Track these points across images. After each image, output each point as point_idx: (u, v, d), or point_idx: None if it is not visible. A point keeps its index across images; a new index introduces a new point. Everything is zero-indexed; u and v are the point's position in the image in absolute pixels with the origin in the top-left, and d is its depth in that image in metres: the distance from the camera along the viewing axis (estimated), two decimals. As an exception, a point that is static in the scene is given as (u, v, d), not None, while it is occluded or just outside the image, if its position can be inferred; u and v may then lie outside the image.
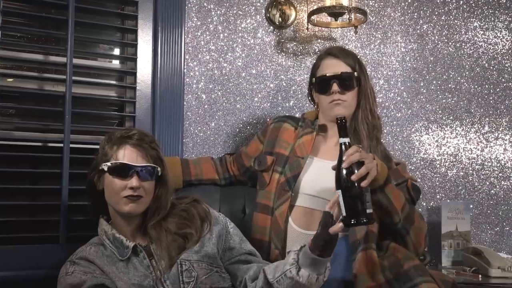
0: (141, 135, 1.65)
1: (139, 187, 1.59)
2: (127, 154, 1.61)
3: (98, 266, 1.60)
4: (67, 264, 1.63)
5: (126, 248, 1.61)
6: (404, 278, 1.71)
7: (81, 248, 1.68)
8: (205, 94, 2.37)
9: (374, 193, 1.65)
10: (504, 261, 2.25)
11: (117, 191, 1.60)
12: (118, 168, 1.60)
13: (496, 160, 2.82)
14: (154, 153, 1.65)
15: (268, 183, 1.93)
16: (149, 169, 1.62)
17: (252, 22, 2.46)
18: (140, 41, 2.26)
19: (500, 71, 2.86)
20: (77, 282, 1.54)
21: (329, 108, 1.90)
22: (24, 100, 2.15)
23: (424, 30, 2.75)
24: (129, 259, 1.61)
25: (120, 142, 1.64)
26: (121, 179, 1.59)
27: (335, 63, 1.93)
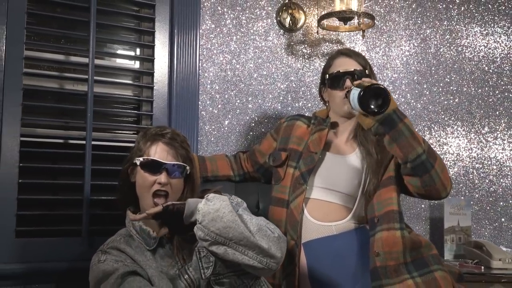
0: (174, 135, 1.72)
1: (167, 183, 1.66)
2: (159, 151, 1.68)
3: (128, 255, 1.64)
4: (98, 253, 1.67)
5: (153, 239, 1.66)
6: (422, 263, 1.81)
7: (111, 239, 1.73)
8: (218, 94, 2.45)
9: (394, 123, 1.71)
10: (505, 253, 2.33)
11: (147, 185, 1.67)
12: (149, 164, 1.67)
13: (495, 159, 2.86)
14: (184, 152, 1.71)
15: (283, 177, 2.00)
16: (178, 167, 1.68)
17: (263, 25, 2.53)
18: (157, 42, 2.33)
19: (499, 74, 2.91)
20: (110, 269, 1.59)
21: (341, 104, 1.97)
22: (47, 98, 2.20)
23: (427, 35, 2.81)
24: (156, 250, 1.66)
25: (154, 139, 1.70)
26: (151, 174, 1.66)
27: (348, 61, 2.01)
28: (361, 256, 1.84)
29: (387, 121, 1.70)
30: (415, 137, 1.73)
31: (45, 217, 2.13)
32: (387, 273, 1.77)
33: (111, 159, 2.21)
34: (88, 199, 2.13)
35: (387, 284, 1.76)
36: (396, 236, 1.79)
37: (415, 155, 1.72)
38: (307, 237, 1.91)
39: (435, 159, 1.76)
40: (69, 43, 2.25)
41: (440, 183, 1.76)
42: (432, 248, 1.86)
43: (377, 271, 1.78)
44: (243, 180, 2.21)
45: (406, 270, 1.78)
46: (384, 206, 1.83)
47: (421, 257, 1.82)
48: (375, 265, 1.78)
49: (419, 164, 1.73)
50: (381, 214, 1.83)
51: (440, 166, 1.77)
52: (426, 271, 1.79)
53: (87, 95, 2.15)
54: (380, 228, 1.81)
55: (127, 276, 1.57)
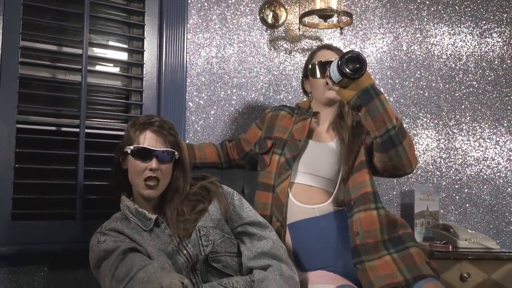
0: (161, 123, 1.78)
1: (157, 169, 1.72)
2: (148, 139, 1.74)
3: (127, 236, 1.71)
4: (97, 235, 1.73)
5: (149, 220, 1.73)
6: (399, 240, 1.92)
7: (107, 222, 1.79)
8: (205, 86, 2.53)
9: (370, 97, 1.77)
10: (470, 234, 2.50)
11: (138, 171, 1.73)
12: (140, 152, 1.73)
13: (461, 149, 3.00)
14: (173, 139, 1.78)
15: (268, 164, 2.09)
16: (167, 153, 1.75)
17: (247, 21, 2.63)
18: (147, 35, 2.41)
19: (465, 71, 3.04)
20: (111, 248, 1.65)
21: (323, 91, 2.07)
22: (40, 87, 2.25)
23: (399, 33, 2.94)
24: (152, 230, 1.73)
25: (142, 127, 1.76)
26: (142, 162, 1.72)
27: (329, 53, 2.12)
28: (341, 236, 1.93)
29: (364, 94, 1.77)
30: (388, 113, 1.79)
31: (40, 201, 2.18)
32: (367, 250, 1.87)
33: (103, 146, 2.29)
34: (82, 184, 2.19)
35: (366, 260, 1.85)
36: (372, 215, 1.89)
37: (385, 130, 1.79)
38: (292, 219, 2.00)
39: (404, 136, 1.82)
40: (64, 35, 2.31)
41: (407, 159, 1.83)
42: (407, 227, 1.98)
43: (357, 248, 1.87)
44: (229, 167, 2.30)
45: (384, 247, 1.89)
46: (359, 189, 1.93)
47: (397, 235, 1.93)
48: (355, 243, 1.88)
49: (388, 138, 1.80)
50: (357, 197, 1.93)
51: (408, 143, 1.83)
52: (402, 247, 1.90)
53: (81, 84, 2.22)
54: (357, 210, 1.91)
55: (128, 252, 1.64)
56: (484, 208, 3.01)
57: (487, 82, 3.08)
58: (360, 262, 1.85)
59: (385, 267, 1.85)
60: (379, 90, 1.81)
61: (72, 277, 2.19)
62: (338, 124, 2.11)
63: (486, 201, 3.02)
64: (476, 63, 3.08)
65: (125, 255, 1.63)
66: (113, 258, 1.63)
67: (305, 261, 1.96)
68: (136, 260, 1.61)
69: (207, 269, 1.75)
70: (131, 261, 1.61)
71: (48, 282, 2.15)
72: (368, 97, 1.78)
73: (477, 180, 3.02)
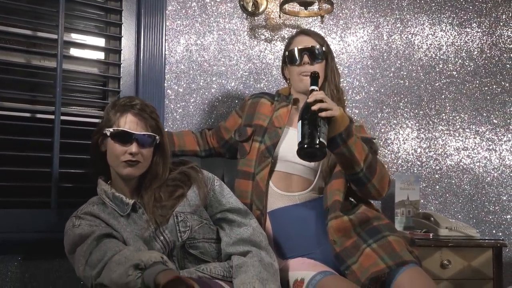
0: (143, 106, 1.74)
1: (137, 153, 1.68)
2: (128, 121, 1.70)
3: (103, 220, 1.69)
4: (72, 219, 1.71)
5: (126, 205, 1.71)
6: (375, 231, 1.92)
7: (83, 206, 1.76)
8: (184, 74, 2.50)
9: (336, 145, 1.78)
10: (451, 222, 2.51)
11: (118, 155, 1.69)
12: (120, 135, 1.69)
13: (441, 139, 3.01)
14: (154, 123, 1.74)
15: (248, 151, 2.07)
16: (148, 137, 1.71)
17: (227, 8, 2.60)
18: (124, 21, 2.38)
19: (445, 61, 3.04)
20: (86, 232, 1.62)
21: (300, 79, 2.07)
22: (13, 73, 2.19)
23: (380, 23, 2.93)
24: (129, 215, 1.71)
25: (123, 110, 1.72)
26: (121, 145, 1.69)
27: (306, 39, 2.11)
28: (322, 223, 1.93)
29: (331, 142, 1.77)
30: (355, 158, 1.83)
31: (14, 189, 2.14)
32: (348, 253, 1.86)
33: (79, 134, 2.24)
34: (57, 172, 2.16)
35: (352, 263, 1.84)
36: (344, 221, 1.89)
37: (353, 172, 1.87)
38: (272, 207, 2.00)
39: (373, 174, 1.90)
40: (39, 19, 2.25)
41: (376, 192, 1.94)
42: (382, 219, 1.98)
43: (339, 255, 1.86)
44: (209, 156, 2.28)
45: (362, 240, 1.89)
46: (332, 196, 1.93)
47: (372, 226, 1.93)
48: (336, 252, 1.87)
49: (356, 179, 1.90)
50: (330, 204, 1.93)
51: (378, 178, 1.91)
52: (379, 237, 1.90)
53: (56, 70, 2.17)
54: (330, 217, 1.90)
55: (102, 238, 1.61)
56: (464, 198, 3.03)
57: (466, 72, 3.10)
58: (347, 267, 1.84)
59: (367, 258, 1.85)
60: (348, 134, 1.80)
61: (47, 267, 2.15)
62: None
63: (466, 190, 3.04)
64: (456, 53, 3.09)
65: (100, 240, 1.61)
66: (88, 243, 1.60)
67: (286, 248, 1.95)
68: (110, 245, 1.59)
69: (184, 256, 1.73)
70: (106, 246, 1.59)
71: (22, 272, 2.11)
72: (334, 145, 1.80)
73: (457, 169, 3.04)
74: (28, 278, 2.11)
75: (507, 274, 2.77)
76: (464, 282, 2.37)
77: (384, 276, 1.81)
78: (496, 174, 3.10)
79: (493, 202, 3.07)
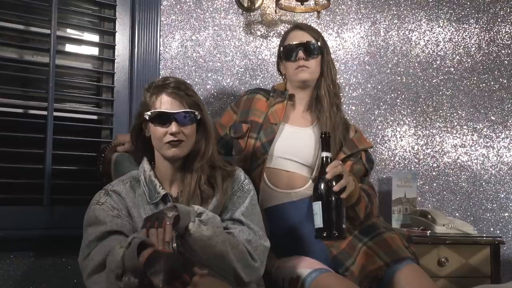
0: (177, 83, 1.69)
1: (178, 132, 1.65)
2: (164, 102, 1.66)
3: (126, 205, 1.67)
4: (101, 193, 1.69)
5: (157, 194, 1.68)
6: (370, 228, 1.93)
7: (118, 180, 1.75)
8: (179, 70, 2.48)
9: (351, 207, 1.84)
10: (448, 219, 2.50)
11: (160, 137, 1.66)
12: (157, 117, 1.66)
13: (438, 136, 3.00)
14: (190, 99, 1.69)
15: (244, 148, 2.06)
16: (186, 114, 1.67)
17: (222, 3, 2.58)
18: (118, 16, 2.35)
19: (442, 57, 3.03)
20: (101, 220, 1.61)
21: (295, 74, 2.06)
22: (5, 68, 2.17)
23: (377, 19, 2.91)
24: (157, 204, 1.67)
25: (158, 91, 1.69)
26: (161, 126, 1.65)
27: (301, 34, 2.10)
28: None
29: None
30: (357, 216, 1.90)
31: (6, 185, 2.11)
32: (345, 255, 1.87)
33: (73, 130, 2.24)
34: (50, 169, 2.14)
35: (350, 264, 1.85)
36: None
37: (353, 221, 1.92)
38: (268, 204, 1.99)
39: (369, 218, 1.97)
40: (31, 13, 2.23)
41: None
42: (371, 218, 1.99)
43: (337, 258, 1.87)
44: (204, 152, 2.27)
45: (358, 240, 1.90)
46: None
47: (367, 225, 1.95)
48: (333, 255, 1.88)
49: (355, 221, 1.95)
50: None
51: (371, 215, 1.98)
52: (375, 234, 1.91)
53: (50, 65, 2.16)
54: None
55: (109, 235, 1.60)
56: (461, 195, 3.02)
57: (464, 68, 3.09)
58: (346, 269, 1.85)
59: (365, 257, 1.86)
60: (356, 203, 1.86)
61: (40, 264, 2.14)
62: (315, 108, 2.09)
63: (464, 188, 3.03)
64: (454, 49, 3.08)
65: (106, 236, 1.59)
66: (97, 232, 1.60)
67: (282, 246, 1.93)
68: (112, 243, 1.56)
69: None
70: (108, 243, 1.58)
71: (14, 269, 2.09)
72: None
73: (455, 167, 3.03)
74: (20, 275, 2.09)
75: (505, 272, 2.76)
76: (462, 279, 2.36)
77: (381, 273, 1.81)
78: (494, 172, 3.09)
79: (490, 200, 3.06)
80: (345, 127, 2.10)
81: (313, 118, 2.11)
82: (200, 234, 1.55)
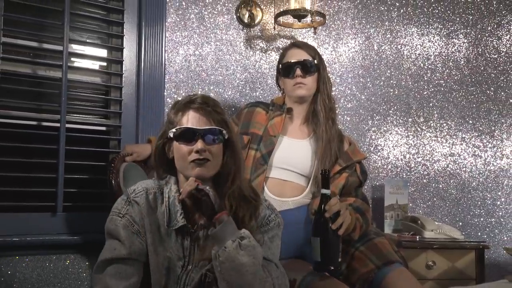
0: (204, 99, 1.59)
1: (204, 150, 1.53)
2: (191, 118, 1.57)
3: (144, 224, 1.58)
4: (123, 201, 1.61)
5: (176, 221, 1.56)
6: (362, 235, 2.02)
7: (143, 187, 1.62)
8: (183, 83, 2.59)
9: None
10: (436, 225, 2.62)
11: (184, 156, 1.55)
12: (183, 133, 1.56)
13: (429, 145, 3.11)
14: (218, 116, 1.59)
15: (244, 159, 2.08)
16: (213, 131, 1.56)
17: (224, 20, 2.70)
18: (126, 33, 2.46)
19: (433, 70, 3.15)
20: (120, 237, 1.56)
21: (293, 90, 2.18)
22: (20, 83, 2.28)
23: (370, 34, 3.03)
24: (170, 233, 1.57)
25: (184, 108, 1.59)
26: (187, 144, 1.55)
27: (299, 52, 2.21)
28: (305, 228, 2.04)
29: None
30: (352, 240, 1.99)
31: (22, 193, 2.22)
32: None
33: (83, 141, 2.34)
34: (62, 178, 2.23)
35: (344, 268, 1.96)
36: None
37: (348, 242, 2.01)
38: (266, 212, 2.11)
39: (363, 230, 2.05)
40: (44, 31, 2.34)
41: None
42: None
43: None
44: (206, 162, 2.38)
45: (350, 245, 2.01)
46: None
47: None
48: None
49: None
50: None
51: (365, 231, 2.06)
52: (366, 239, 2.03)
53: (62, 80, 2.26)
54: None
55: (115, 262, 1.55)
56: (450, 202, 3.14)
57: (453, 81, 3.21)
58: (341, 273, 1.94)
59: (357, 261, 1.97)
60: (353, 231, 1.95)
61: (53, 267, 2.23)
62: (312, 121, 2.21)
63: (453, 195, 3.15)
64: (443, 62, 3.20)
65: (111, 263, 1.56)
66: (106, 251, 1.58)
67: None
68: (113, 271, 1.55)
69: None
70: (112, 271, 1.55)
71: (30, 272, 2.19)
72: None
73: (444, 174, 3.15)
74: (35, 278, 2.19)
75: (491, 275, 2.86)
76: (448, 282, 2.45)
77: (372, 276, 1.91)
78: (482, 179, 3.22)
79: (478, 206, 3.19)
80: (339, 139, 2.20)
81: (310, 130, 2.22)
82: (234, 255, 1.44)
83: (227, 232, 1.47)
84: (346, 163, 2.13)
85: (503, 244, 3.15)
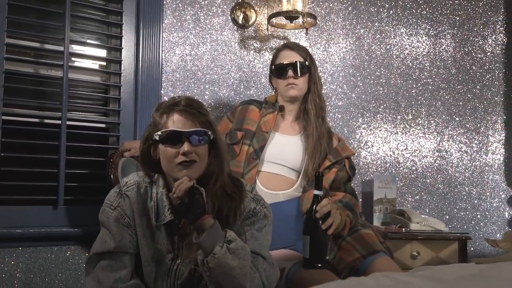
0: (188, 101, 1.59)
1: (191, 152, 1.54)
2: (176, 121, 1.56)
3: (134, 218, 1.61)
4: (115, 193, 1.64)
5: (164, 216, 1.58)
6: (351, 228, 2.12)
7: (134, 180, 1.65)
8: (179, 82, 2.67)
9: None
10: (422, 218, 2.71)
11: (171, 158, 1.55)
12: (168, 136, 1.56)
13: (417, 142, 3.21)
14: (203, 118, 1.59)
15: (238, 153, 2.24)
16: (199, 133, 1.56)
17: (219, 21, 2.78)
18: (124, 34, 2.54)
19: (421, 69, 3.24)
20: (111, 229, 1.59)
21: (285, 90, 2.26)
22: (23, 82, 2.37)
23: (361, 34, 3.11)
24: (159, 227, 1.60)
25: (168, 110, 1.58)
26: (173, 147, 1.55)
27: (291, 54, 2.29)
28: (302, 218, 2.07)
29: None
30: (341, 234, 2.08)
31: (25, 188, 2.31)
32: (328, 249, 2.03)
33: (84, 137, 2.43)
34: (63, 172, 2.32)
35: (331, 258, 2.05)
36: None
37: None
38: (258, 204, 2.21)
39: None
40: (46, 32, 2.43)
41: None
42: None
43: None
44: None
45: (338, 236, 2.09)
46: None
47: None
48: None
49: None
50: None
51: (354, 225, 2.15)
52: (353, 231, 2.12)
53: (63, 79, 2.34)
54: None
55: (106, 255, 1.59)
56: (437, 196, 3.24)
57: (441, 79, 3.30)
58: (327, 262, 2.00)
59: (344, 251, 2.05)
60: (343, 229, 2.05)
61: (54, 258, 2.32)
62: (303, 119, 2.31)
63: (440, 189, 3.24)
64: (431, 62, 3.28)
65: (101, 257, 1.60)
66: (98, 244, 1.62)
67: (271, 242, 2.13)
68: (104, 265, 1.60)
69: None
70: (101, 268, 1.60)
71: (32, 263, 2.28)
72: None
73: (432, 170, 3.24)
74: (38, 268, 2.28)
75: (475, 265, 2.96)
76: (432, 271, 2.56)
77: (357, 265, 2.00)
78: (468, 174, 3.32)
79: (464, 200, 3.29)
80: (329, 136, 2.29)
81: (301, 127, 2.31)
82: (224, 261, 1.45)
83: (214, 239, 1.47)
84: (335, 158, 2.22)
85: (487, 237, 3.25)
